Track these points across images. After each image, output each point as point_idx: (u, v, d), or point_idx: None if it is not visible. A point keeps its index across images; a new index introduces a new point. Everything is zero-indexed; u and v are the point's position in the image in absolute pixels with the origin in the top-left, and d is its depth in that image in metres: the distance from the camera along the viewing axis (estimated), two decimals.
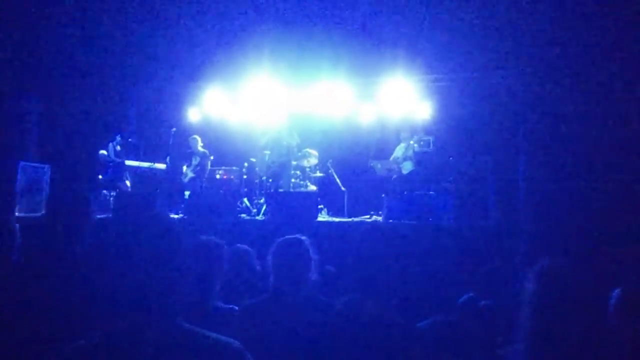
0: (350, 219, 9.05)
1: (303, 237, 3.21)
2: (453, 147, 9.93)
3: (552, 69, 7.40)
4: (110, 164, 10.54)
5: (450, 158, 9.02)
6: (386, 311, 2.52)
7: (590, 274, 2.20)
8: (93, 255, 3.07)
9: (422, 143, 10.32)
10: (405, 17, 8.36)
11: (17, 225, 3.70)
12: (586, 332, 2.08)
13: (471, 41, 8.15)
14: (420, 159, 10.20)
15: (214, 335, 1.68)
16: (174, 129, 10.92)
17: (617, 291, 2.51)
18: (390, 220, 8.12)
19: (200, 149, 11.01)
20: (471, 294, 3.49)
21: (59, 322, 2.43)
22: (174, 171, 10.93)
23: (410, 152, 10.10)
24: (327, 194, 10.36)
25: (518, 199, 7.72)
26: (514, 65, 8.05)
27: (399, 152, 10.35)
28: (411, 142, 10.12)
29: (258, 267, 4.11)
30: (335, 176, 10.54)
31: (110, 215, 8.62)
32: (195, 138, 11.06)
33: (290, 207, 8.49)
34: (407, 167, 10.11)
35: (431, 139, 10.55)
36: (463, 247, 6.72)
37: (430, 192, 8.83)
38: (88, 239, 2.87)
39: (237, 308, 3.12)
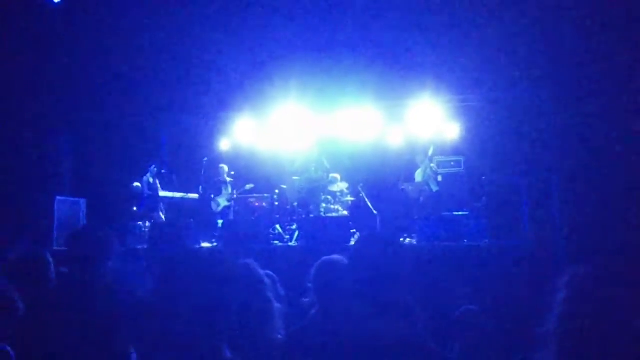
0: None
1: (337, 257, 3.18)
2: (484, 167, 9.82)
3: (585, 87, 7.29)
4: (145, 195, 10.68)
5: (483, 178, 8.91)
6: (418, 334, 2.48)
7: (624, 285, 2.16)
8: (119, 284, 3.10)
9: (443, 163, 10.31)
10: (431, 39, 8.37)
11: (51, 259, 3.77)
12: (617, 341, 2.03)
13: (500, 60, 8.10)
14: (450, 180, 10.11)
15: None
16: (206, 159, 11.06)
17: None
18: (425, 243, 8.04)
19: (227, 177, 11.11)
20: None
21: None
22: (206, 201, 11.02)
23: (429, 172, 10.03)
24: (359, 218, 10.29)
25: (553, 217, 7.56)
26: (544, 84, 7.95)
27: (418, 177, 10.27)
28: (431, 164, 10.09)
29: (282, 293, 4.07)
30: (367, 200, 10.49)
31: (146, 246, 8.74)
32: (222, 167, 11.18)
33: (323, 232, 8.47)
34: (433, 188, 10.02)
35: (462, 159, 10.47)
36: (500, 267, 6.62)
37: (464, 213, 8.72)
38: (110, 269, 2.89)
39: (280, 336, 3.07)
